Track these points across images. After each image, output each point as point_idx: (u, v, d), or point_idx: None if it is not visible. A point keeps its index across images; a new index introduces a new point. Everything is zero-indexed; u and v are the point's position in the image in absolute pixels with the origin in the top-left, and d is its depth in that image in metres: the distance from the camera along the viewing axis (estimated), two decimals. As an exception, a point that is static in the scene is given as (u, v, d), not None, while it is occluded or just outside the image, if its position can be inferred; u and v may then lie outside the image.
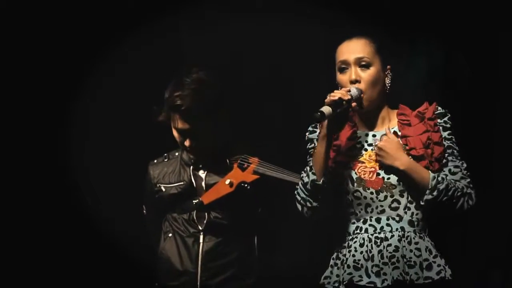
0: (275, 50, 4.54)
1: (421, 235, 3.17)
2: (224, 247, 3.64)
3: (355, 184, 3.20)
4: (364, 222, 3.20)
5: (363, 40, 3.22)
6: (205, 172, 3.71)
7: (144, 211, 3.84)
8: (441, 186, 3.10)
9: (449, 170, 3.18)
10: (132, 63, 4.49)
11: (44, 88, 4.51)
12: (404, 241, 3.14)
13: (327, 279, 3.24)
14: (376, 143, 3.20)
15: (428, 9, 4.36)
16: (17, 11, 4.47)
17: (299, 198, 3.22)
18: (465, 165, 3.21)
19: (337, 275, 3.21)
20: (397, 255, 3.12)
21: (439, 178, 3.11)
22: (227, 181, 3.63)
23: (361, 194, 3.19)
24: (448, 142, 3.20)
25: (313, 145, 3.30)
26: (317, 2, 4.32)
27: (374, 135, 3.25)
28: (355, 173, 3.21)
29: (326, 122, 3.11)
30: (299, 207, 3.23)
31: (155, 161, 3.81)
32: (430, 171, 3.13)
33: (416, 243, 3.14)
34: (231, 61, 4.52)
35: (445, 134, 3.20)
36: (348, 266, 3.17)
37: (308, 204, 3.20)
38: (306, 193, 3.19)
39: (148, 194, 3.80)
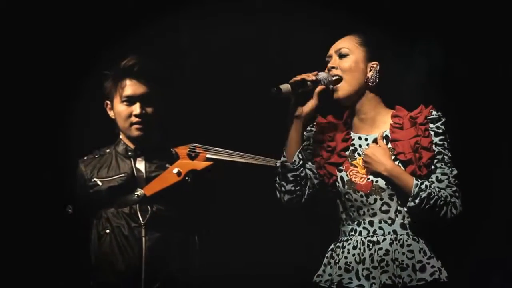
0: (275, 50, 4.55)
1: (415, 237, 3.16)
2: (167, 240, 3.58)
3: (346, 186, 3.21)
4: (358, 224, 3.20)
5: (348, 36, 3.28)
6: (145, 163, 3.66)
7: (70, 211, 3.73)
8: (423, 194, 3.08)
9: (436, 177, 3.15)
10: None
11: (44, 88, 4.51)
12: (396, 244, 3.13)
13: (319, 277, 3.24)
14: (364, 150, 3.21)
15: (428, 9, 4.36)
16: (17, 11, 4.48)
17: (276, 185, 3.24)
18: (454, 172, 3.17)
19: (330, 274, 3.21)
20: (387, 258, 3.11)
21: (422, 186, 3.09)
22: (175, 170, 3.58)
23: (352, 197, 3.20)
24: (439, 147, 3.17)
25: (308, 142, 3.33)
26: (317, 2, 4.33)
27: (366, 139, 3.26)
28: (347, 175, 3.22)
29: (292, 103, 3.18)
30: (277, 194, 3.25)
31: (85, 158, 3.76)
32: (414, 178, 3.11)
33: (409, 245, 3.13)
34: (230, 60, 4.54)
35: (436, 139, 3.18)
36: (339, 268, 3.17)
37: (282, 189, 3.22)
38: (278, 176, 3.22)
39: (79, 192, 3.71)
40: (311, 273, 3.27)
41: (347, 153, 3.25)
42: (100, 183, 3.65)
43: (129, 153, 3.65)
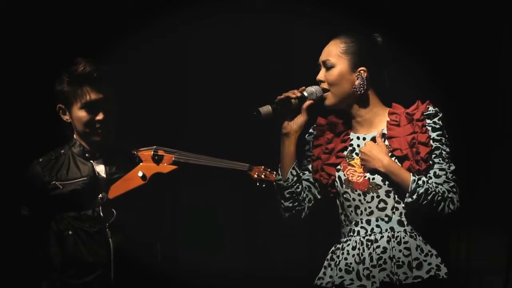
0: (275, 50, 4.56)
1: (413, 234, 3.15)
2: (131, 243, 3.52)
3: (344, 185, 3.21)
4: (356, 224, 3.20)
5: (335, 41, 3.26)
6: (104, 165, 3.61)
7: (25, 212, 3.63)
8: (421, 190, 3.08)
9: (434, 173, 3.14)
10: (132, 63, 4.49)
11: (44, 88, 4.51)
12: (393, 241, 3.13)
13: (320, 280, 3.24)
14: (360, 148, 3.21)
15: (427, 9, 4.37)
16: (17, 11, 4.48)
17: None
18: (452, 167, 3.16)
19: (330, 276, 3.20)
20: (384, 256, 3.11)
21: (420, 182, 3.09)
22: (140, 173, 3.51)
23: (350, 196, 3.20)
24: (437, 143, 3.17)
25: (308, 147, 3.35)
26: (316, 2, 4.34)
27: (364, 138, 3.26)
28: (344, 174, 3.22)
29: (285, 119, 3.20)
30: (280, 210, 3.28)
31: (41, 159, 3.66)
32: (411, 174, 3.11)
33: (406, 242, 3.13)
34: (229, 60, 4.55)
35: (433, 135, 3.17)
36: (340, 269, 3.17)
37: (282, 206, 3.26)
38: (276, 194, 3.25)
39: (36, 193, 3.61)
40: (313, 277, 3.27)
41: (345, 153, 3.25)
42: (61, 186, 3.59)
43: (87, 155, 3.63)
